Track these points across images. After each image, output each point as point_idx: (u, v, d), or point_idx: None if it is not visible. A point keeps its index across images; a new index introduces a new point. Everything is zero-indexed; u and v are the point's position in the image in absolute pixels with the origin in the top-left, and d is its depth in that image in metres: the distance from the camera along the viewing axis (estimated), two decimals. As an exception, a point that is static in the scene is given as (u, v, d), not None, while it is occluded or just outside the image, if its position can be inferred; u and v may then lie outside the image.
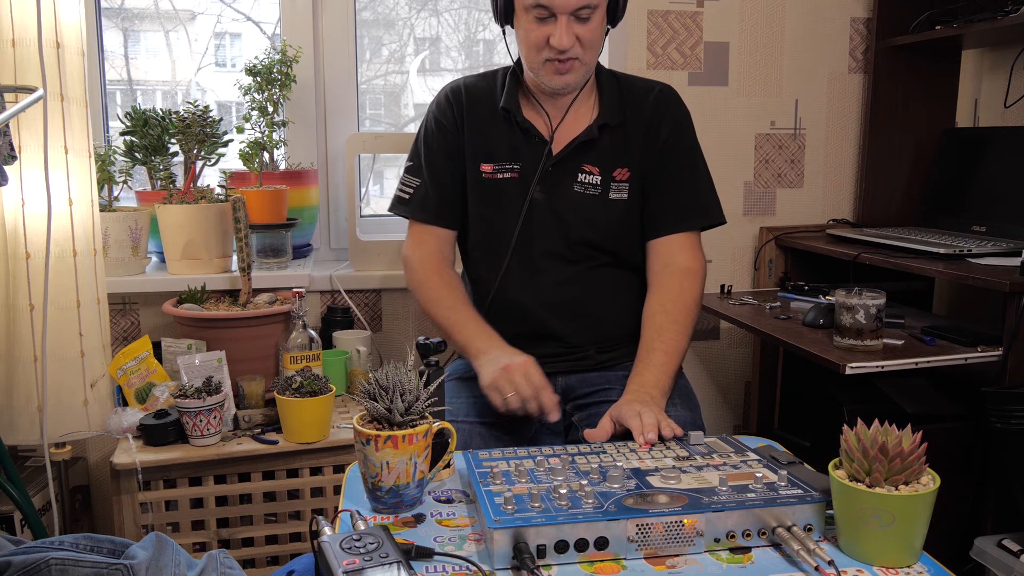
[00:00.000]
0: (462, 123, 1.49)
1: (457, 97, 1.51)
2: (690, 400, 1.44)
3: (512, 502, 0.90)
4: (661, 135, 1.46)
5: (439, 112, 1.52)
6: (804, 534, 0.88)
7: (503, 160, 1.47)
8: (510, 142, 1.47)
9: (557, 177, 1.46)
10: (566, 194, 1.45)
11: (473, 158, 1.49)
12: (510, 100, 1.46)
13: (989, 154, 2.05)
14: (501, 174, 1.47)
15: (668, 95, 1.50)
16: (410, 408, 0.99)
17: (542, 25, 1.34)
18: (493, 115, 1.48)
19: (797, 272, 2.26)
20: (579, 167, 1.46)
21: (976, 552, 1.56)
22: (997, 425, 1.51)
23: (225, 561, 0.93)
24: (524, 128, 1.46)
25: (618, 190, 1.46)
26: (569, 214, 1.45)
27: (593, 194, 1.46)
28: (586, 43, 1.35)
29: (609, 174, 1.46)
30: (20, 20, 1.53)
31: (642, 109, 1.47)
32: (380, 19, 2.29)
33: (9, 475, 1.51)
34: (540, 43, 1.35)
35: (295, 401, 1.61)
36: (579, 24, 1.34)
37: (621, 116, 1.46)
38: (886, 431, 0.90)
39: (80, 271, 1.66)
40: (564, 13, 1.32)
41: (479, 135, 1.49)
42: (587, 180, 1.46)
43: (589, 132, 1.44)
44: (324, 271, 2.10)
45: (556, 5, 1.31)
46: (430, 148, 1.51)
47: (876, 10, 2.22)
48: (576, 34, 1.34)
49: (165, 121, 1.99)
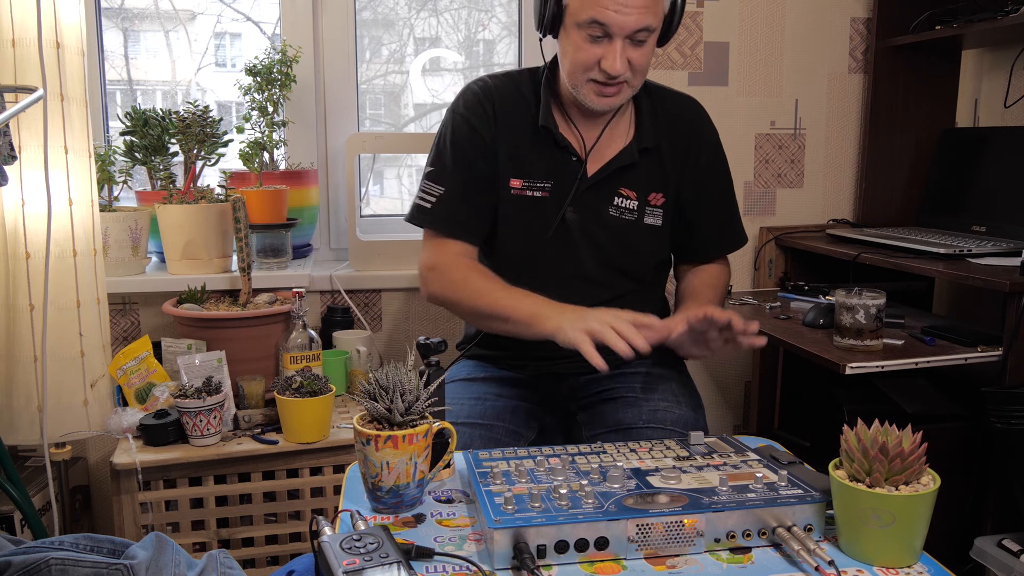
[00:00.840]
0: (496, 129, 1.40)
1: (489, 99, 1.40)
2: (694, 399, 1.44)
3: (512, 502, 0.90)
4: (701, 161, 1.44)
5: (470, 112, 1.40)
6: (804, 534, 0.88)
7: (535, 177, 1.40)
8: (544, 159, 1.40)
9: (592, 199, 1.40)
10: (601, 217, 1.40)
11: (503, 171, 1.40)
12: (548, 116, 1.38)
13: (989, 154, 2.05)
14: (531, 191, 1.40)
15: (702, 115, 1.47)
16: (410, 408, 0.99)
17: (594, 45, 1.27)
18: (526, 127, 1.40)
19: (797, 272, 2.26)
20: (616, 190, 1.41)
21: (976, 552, 1.56)
22: (997, 425, 1.51)
23: (225, 561, 0.93)
24: (562, 146, 1.39)
25: (653, 215, 1.43)
26: (603, 238, 1.41)
27: (629, 219, 1.41)
28: (637, 67, 1.29)
29: (645, 198, 1.42)
30: (20, 20, 1.53)
31: (677, 130, 1.43)
32: (380, 19, 2.29)
33: (9, 475, 1.51)
34: (589, 63, 1.28)
35: (295, 401, 1.61)
36: (633, 47, 1.27)
37: (658, 138, 1.42)
38: (886, 431, 0.90)
39: (80, 271, 1.66)
40: (621, 36, 1.25)
41: (511, 147, 1.40)
42: (623, 204, 1.41)
43: (629, 155, 1.39)
44: (324, 271, 2.10)
45: (615, 25, 1.23)
46: (460, 152, 1.39)
47: (876, 10, 2.22)
48: (629, 58, 1.27)
49: (165, 121, 1.99)
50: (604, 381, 1.45)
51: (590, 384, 1.46)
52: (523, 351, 1.47)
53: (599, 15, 1.24)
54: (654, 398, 1.38)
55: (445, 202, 1.39)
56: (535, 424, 1.42)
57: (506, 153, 1.40)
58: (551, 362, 1.46)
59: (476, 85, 1.43)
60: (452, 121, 1.42)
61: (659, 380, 1.44)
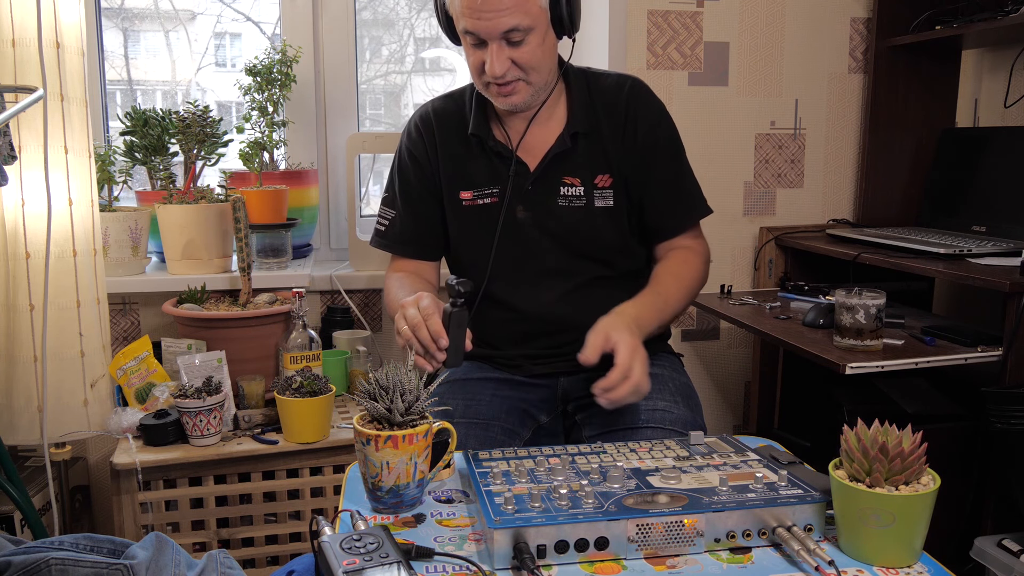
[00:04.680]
0: (435, 152, 1.46)
1: (427, 125, 1.47)
2: (691, 399, 1.43)
3: (512, 502, 0.90)
4: (639, 136, 1.43)
5: (410, 143, 1.49)
6: (804, 534, 0.88)
7: (481, 186, 1.44)
8: (486, 166, 1.44)
9: (538, 193, 1.43)
10: (551, 210, 1.43)
11: (450, 187, 1.46)
12: (479, 125, 1.43)
13: (989, 154, 2.05)
14: (481, 200, 1.44)
15: (638, 90, 1.45)
16: (410, 408, 0.99)
17: (477, 50, 1.31)
18: (465, 140, 1.45)
19: (797, 272, 2.26)
20: (559, 180, 1.43)
21: (976, 552, 1.56)
22: (997, 425, 1.51)
23: (225, 561, 0.93)
24: (497, 151, 1.43)
25: (603, 197, 1.43)
26: (557, 228, 1.43)
27: (578, 205, 1.43)
28: (525, 65, 1.31)
29: (591, 182, 1.43)
30: (20, 20, 1.53)
31: (615, 110, 1.43)
32: (380, 19, 2.29)
33: (9, 475, 1.51)
34: (478, 67, 1.32)
35: (295, 401, 1.61)
36: (513, 48, 1.29)
37: (593, 121, 1.43)
38: (886, 431, 0.90)
39: (80, 271, 1.66)
40: (493, 40, 1.28)
41: (453, 163, 1.45)
42: (569, 192, 1.43)
43: (561, 143, 1.41)
44: (324, 271, 2.10)
45: (481, 32, 1.27)
46: (405, 180, 1.49)
47: (876, 10, 2.22)
48: (511, 58, 1.29)
49: (165, 121, 1.99)
50: None
51: (586, 384, 1.46)
52: (519, 352, 1.47)
53: (467, 24, 1.29)
54: (654, 398, 1.38)
55: (397, 225, 1.50)
56: (531, 423, 1.42)
57: (450, 170, 1.46)
58: (546, 362, 1.46)
59: (417, 113, 1.51)
60: (398, 152, 1.52)
61: (659, 380, 1.44)
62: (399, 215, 1.50)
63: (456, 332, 1.16)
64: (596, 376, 1.46)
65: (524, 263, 1.44)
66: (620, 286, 1.44)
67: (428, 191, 1.48)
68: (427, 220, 1.49)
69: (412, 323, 1.16)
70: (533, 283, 1.44)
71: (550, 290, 1.44)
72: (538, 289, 1.44)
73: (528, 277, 1.44)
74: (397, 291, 1.41)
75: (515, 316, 1.45)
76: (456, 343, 1.16)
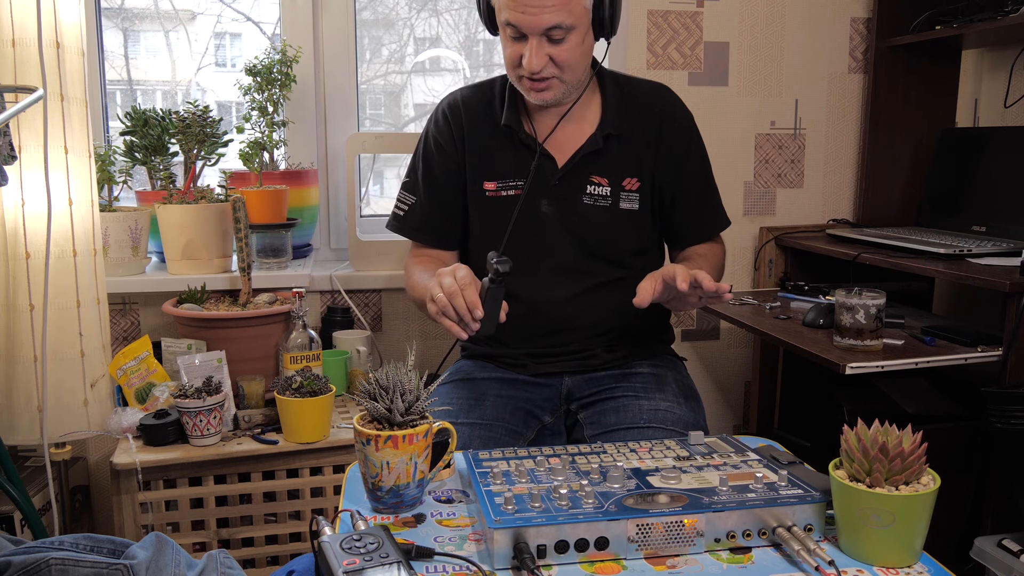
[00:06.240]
0: (462, 142, 1.46)
1: (456, 114, 1.47)
2: (693, 400, 1.44)
3: (512, 502, 0.90)
4: (673, 144, 1.45)
5: (437, 131, 1.49)
6: (804, 534, 0.88)
7: (507, 177, 1.44)
8: (513, 158, 1.44)
9: (565, 190, 1.43)
10: (576, 208, 1.43)
11: (475, 177, 1.46)
12: (511, 116, 1.43)
13: (989, 154, 2.05)
14: (505, 191, 1.44)
15: (672, 99, 1.48)
16: (410, 408, 0.99)
17: (516, 43, 1.31)
18: (494, 131, 1.45)
19: (797, 272, 2.26)
20: (587, 179, 1.43)
21: (976, 552, 1.56)
22: (997, 425, 1.51)
23: (225, 561, 0.93)
24: (527, 144, 1.43)
25: (628, 200, 1.44)
26: (581, 227, 1.43)
27: (604, 205, 1.43)
28: (562, 63, 1.32)
29: (619, 184, 1.44)
30: (20, 20, 1.53)
31: (649, 116, 1.45)
32: (380, 19, 2.29)
33: (9, 475, 1.51)
34: (515, 60, 1.33)
35: (295, 401, 1.61)
36: (552, 45, 1.30)
37: (626, 125, 1.44)
38: (886, 431, 0.90)
39: (80, 271, 1.66)
40: (534, 35, 1.29)
41: (480, 153, 1.46)
42: (596, 192, 1.43)
43: (594, 142, 1.42)
44: (324, 271, 2.10)
45: (523, 26, 1.28)
46: (428, 168, 1.49)
47: (876, 10, 2.22)
48: (550, 54, 1.30)
49: (165, 121, 1.99)
50: (604, 381, 1.46)
51: (590, 384, 1.46)
52: (523, 351, 1.47)
53: (509, 17, 1.29)
54: (654, 398, 1.38)
55: (417, 211, 1.50)
56: (535, 424, 1.42)
57: (476, 160, 1.46)
58: (551, 362, 1.46)
59: (445, 101, 1.51)
60: (424, 137, 1.52)
61: (659, 380, 1.44)
62: (419, 201, 1.50)
63: (492, 305, 1.18)
64: (601, 376, 1.47)
65: (541, 257, 1.44)
66: (632, 291, 1.43)
67: (451, 180, 1.48)
68: (447, 208, 1.49)
69: (448, 291, 1.17)
70: (547, 278, 1.44)
71: (563, 287, 1.44)
72: (551, 285, 1.44)
73: (543, 272, 1.45)
74: (421, 274, 1.42)
75: (525, 310, 1.44)
76: (491, 313, 1.18)
